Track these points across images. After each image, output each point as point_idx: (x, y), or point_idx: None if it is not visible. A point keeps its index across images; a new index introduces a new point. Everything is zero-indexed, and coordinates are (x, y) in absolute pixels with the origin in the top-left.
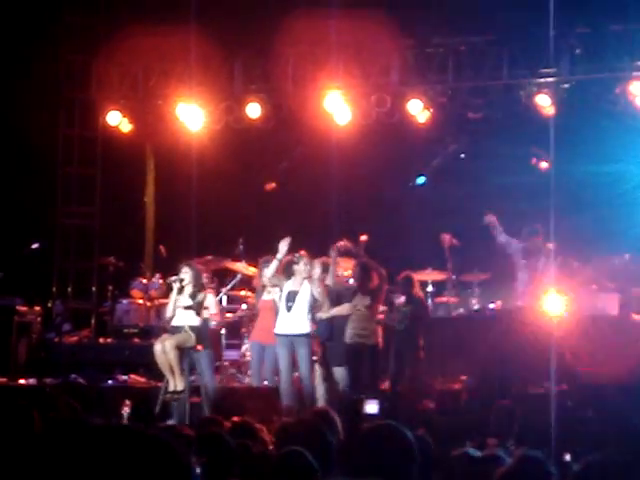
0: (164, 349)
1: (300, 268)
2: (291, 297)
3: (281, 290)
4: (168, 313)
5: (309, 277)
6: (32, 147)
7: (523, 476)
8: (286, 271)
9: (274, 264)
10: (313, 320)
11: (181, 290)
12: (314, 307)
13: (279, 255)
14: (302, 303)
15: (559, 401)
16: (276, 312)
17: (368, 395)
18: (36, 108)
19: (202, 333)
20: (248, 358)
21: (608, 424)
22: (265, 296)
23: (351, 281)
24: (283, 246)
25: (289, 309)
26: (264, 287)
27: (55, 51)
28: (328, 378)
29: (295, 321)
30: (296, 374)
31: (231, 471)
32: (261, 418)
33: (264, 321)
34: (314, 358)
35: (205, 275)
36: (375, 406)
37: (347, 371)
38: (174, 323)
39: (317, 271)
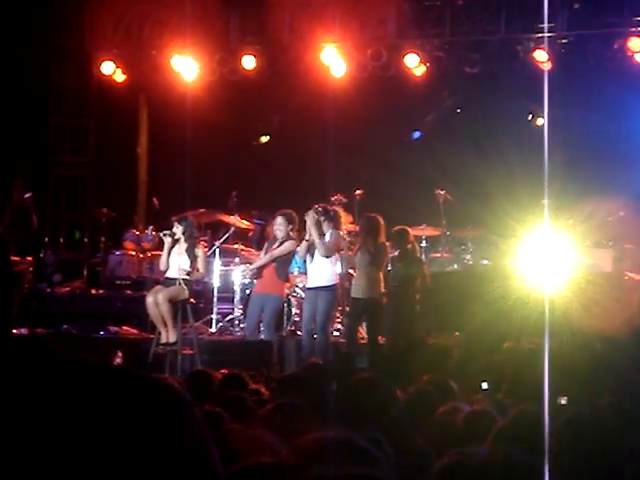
0: (156, 301)
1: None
2: (312, 250)
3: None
4: (161, 266)
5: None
6: (24, 97)
7: (520, 431)
8: (302, 225)
9: (304, 245)
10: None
11: (174, 244)
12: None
13: (307, 237)
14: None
15: (552, 356)
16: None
17: (359, 349)
18: (28, 57)
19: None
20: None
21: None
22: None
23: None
24: (309, 221)
25: (311, 261)
26: (274, 239)
27: None
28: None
29: (318, 273)
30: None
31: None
32: (251, 371)
33: (268, 271)
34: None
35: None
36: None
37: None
38: (168, 275)
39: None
